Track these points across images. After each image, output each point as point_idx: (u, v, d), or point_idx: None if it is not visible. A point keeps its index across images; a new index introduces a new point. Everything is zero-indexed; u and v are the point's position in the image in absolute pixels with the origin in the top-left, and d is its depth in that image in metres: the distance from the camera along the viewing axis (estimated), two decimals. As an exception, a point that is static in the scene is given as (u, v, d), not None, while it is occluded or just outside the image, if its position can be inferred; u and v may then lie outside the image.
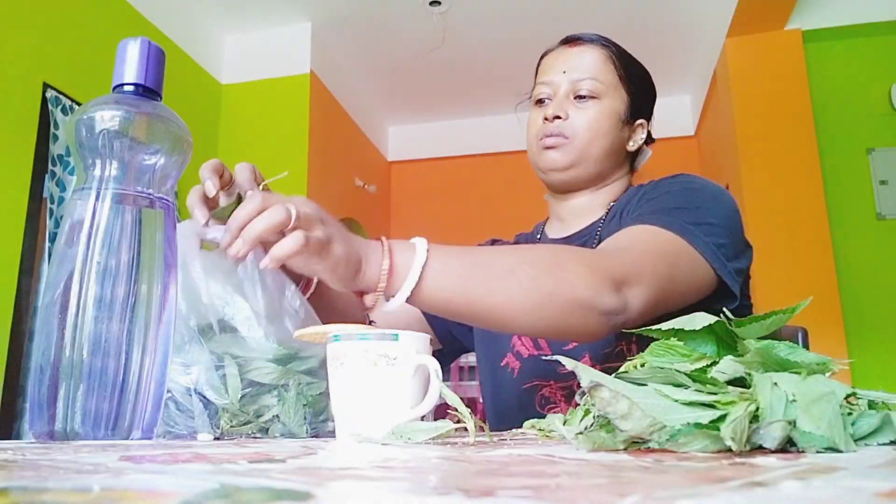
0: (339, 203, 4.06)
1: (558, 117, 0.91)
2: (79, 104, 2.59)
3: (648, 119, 0.99)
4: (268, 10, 3.55)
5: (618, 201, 0.94)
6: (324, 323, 0.64)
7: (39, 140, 2.48)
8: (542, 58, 1.00)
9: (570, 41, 0.97)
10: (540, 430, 0.55)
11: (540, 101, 0.96)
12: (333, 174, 3.99)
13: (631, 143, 0.96)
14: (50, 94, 2.52)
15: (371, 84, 4.40)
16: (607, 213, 0.94)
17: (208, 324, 0.64)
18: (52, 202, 2.42)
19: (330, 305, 0.77)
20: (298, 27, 3.69)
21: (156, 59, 0.58)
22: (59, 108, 2.52)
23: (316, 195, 3.60)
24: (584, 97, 0.92)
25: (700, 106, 4.21)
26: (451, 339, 1.02)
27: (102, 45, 2.76)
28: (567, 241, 0.95)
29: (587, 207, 0.96)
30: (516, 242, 1.05)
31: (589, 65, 0.93)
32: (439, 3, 3.49)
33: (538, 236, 1.02)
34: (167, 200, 0.57)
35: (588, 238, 0.93)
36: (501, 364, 0.94)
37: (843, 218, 3.03)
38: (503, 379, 0.94)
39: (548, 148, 0.92)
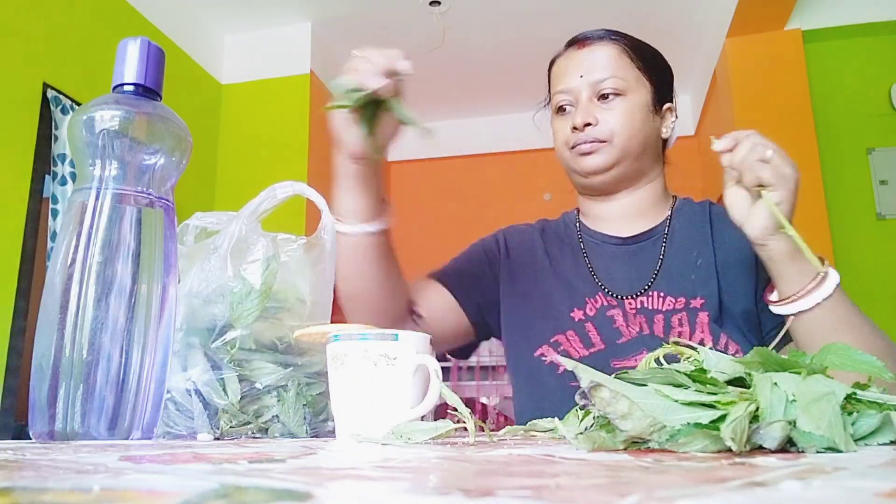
0: (339, 203, 4.05)
1: (589, 124, 0.89)
2: (79, 104, 2.59)
3: (672, 99, 0.97)
4: (268, 10, 3.55)
5: (676, 207, 0.96)
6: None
7: (39, 140, 2.48)
8: (551, 64, 0.97)
9: (577, 42, 0.94)
10: (540, 430, 0.55)
11: (561, 109, 0.93)
12: (334, 174, 3.98)
13: (664, 130, 0.95)
14: (50, 94, 2.51)
15: (371, 84, 4.39)
16: (669, 218, 0.95)
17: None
18: (54, 202, 2.42)
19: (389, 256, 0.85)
20: (298, 27, 3.69)
21: (156, 59, 0.58)
22: (59, 108, 2.52)
23: (316, 195, 3.60)
24: (607, 96, 0.89)
25: (700, 106, 4.21)
26: (483, 325, 0.99)
27: (102, 45, 2.76)
28: (631, 241, 0.95)
29: (636, 207, 0.95)
30: (542, 230, 1.02)
31: (605, 63, 0.90)
32: (439, 3, 3.49)
33: (577, 230, 0.99)
34: (167, 200, 0.57)
35: (656, 240, 0.94)
36: (546, 362, 0.91)
37: (843, 218, 3.03)
38: (542, 373, 0.91)
39: (585, 154, 0.90)
